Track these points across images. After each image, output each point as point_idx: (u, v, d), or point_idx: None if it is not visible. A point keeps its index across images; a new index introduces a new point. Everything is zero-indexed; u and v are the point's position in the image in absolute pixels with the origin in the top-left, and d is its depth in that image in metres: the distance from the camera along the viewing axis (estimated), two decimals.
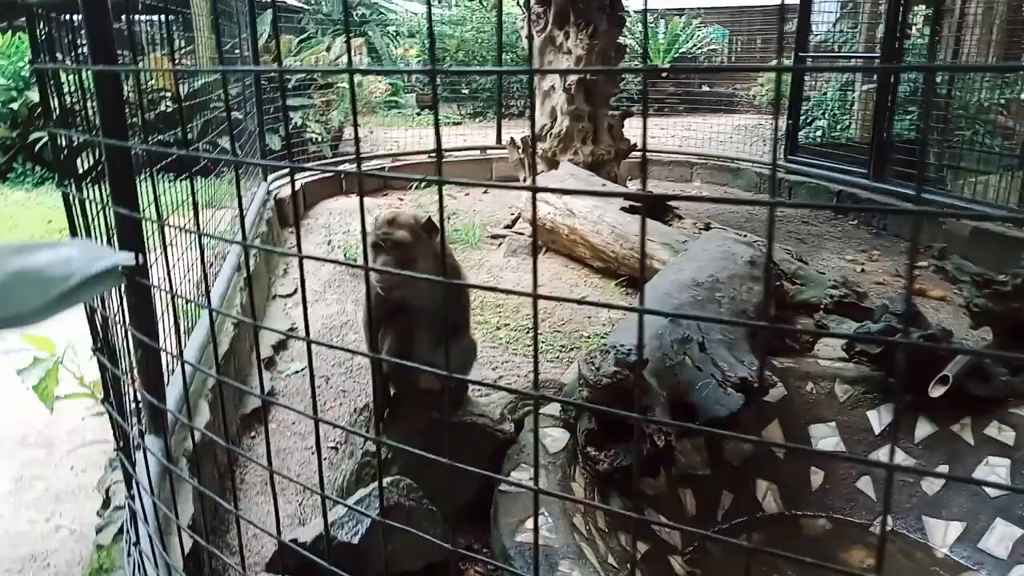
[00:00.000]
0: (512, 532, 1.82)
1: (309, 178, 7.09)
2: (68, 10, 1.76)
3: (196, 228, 1.02)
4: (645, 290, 2.85)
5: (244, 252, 3.76)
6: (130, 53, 2.40)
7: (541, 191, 0.82)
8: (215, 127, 6.37)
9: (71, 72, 1.56)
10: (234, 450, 2.24)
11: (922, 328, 2.58)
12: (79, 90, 1.62)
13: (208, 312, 1.01)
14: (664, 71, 11.88)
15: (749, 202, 0.92)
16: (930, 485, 2.46)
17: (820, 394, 2.71)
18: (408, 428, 2.30)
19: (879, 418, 2.62)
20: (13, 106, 8.85)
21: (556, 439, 2.28)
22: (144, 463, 1.63)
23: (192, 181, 1.08)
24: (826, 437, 2.65)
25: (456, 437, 2.27)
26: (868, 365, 2.62)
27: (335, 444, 3.17)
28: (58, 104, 1.48)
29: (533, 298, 0.80)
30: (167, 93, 7.49)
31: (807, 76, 7.86)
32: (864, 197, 6.27)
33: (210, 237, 1.03)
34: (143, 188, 1.95)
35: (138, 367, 2.09)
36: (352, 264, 1.89)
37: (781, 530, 2.50)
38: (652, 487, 2.35)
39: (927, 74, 5.63)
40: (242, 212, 0.98)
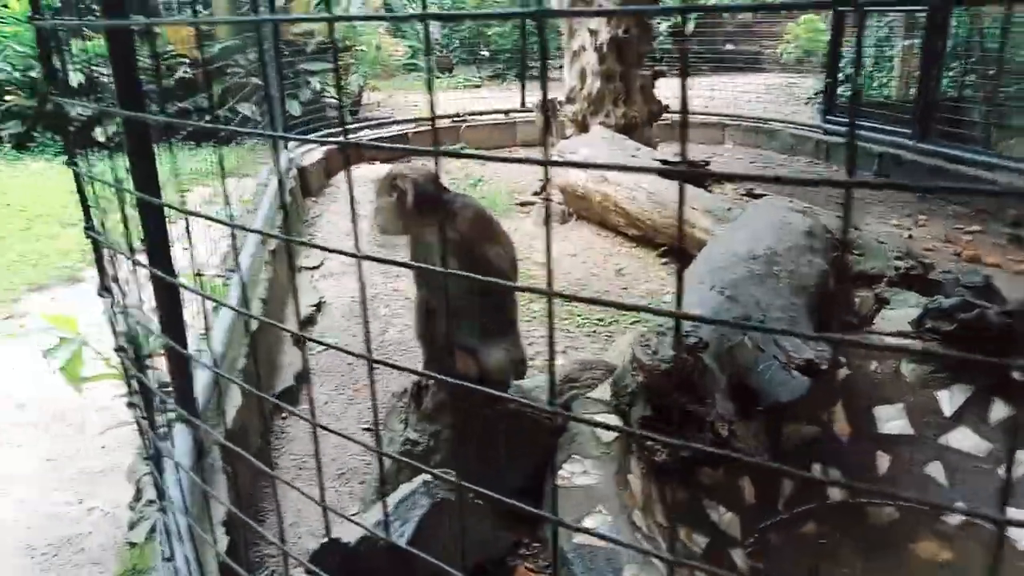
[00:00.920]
0: (570, 534, 1.69)
1: (330, 146, 6.92)
2: None
3: (228, 219, 0.88)
4: (697, 263, 2.69)
5: (288, 247, 3.63)
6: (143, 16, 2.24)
7: (554, 165, 0.68)
8: (233, 94, 6.22)
9: (76, 31, 1.40)
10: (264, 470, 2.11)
11: (999, 303, 2.39)
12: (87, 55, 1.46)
13: (241, 286, 0.87)
14: (697, 8, 11.38)
15: (824, 182, 0.74)
16: (1013, 471, 2.29)
17: (885, 373, 2.54)
18: (450, 416, 2.17)
19: (950, 399, 2.45)
20: (32, 73, 8.72)
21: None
22: (172, 461, 1.51)
23: (213, 151, 0.92)
24: (892, 420, 2.48)
25: (502, 427, 2.13)
26: (939, 342, 2.44)
27: (368, 425, 3.06)
28: (63, 70, 1.32)
29: (548, 296, 0.65)
30: (184, 59, 7.34)
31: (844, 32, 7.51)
32: (907, 160, 6.00)
33: (245, 230, 0.88)
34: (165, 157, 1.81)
35: (166, 354, 1.97)
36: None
37: (845, 519, 2.36)
38: (709, 476, 2.20)
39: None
40: (282, 182, 0.84)
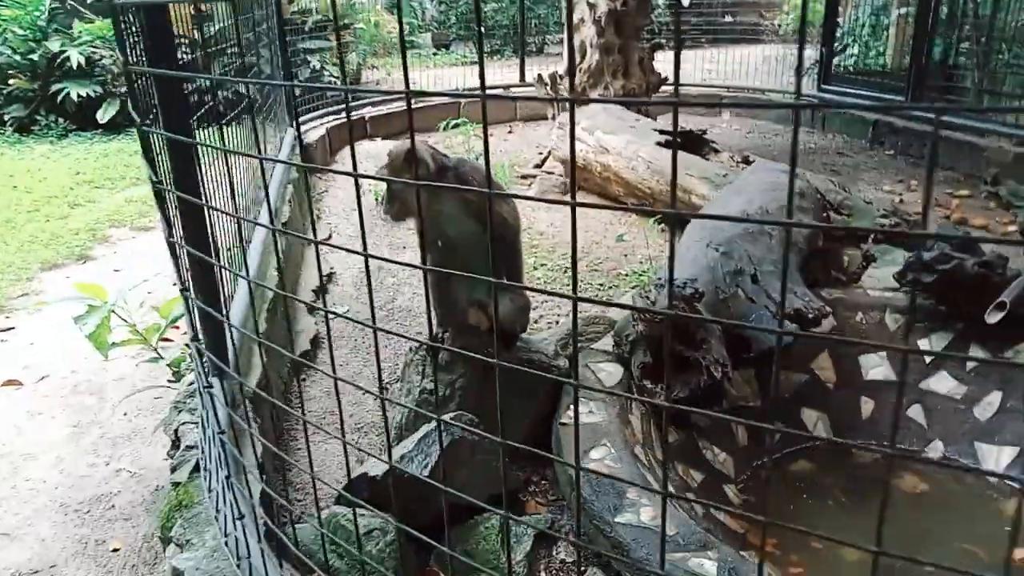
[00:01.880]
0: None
1: (332, 122, 7.04)
2: None
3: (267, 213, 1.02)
4: (693, 225, 2.83)
5: (314, 242, 3.76)
6: None
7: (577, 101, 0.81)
8: (232, 74, 6.30)
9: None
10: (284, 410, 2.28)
11: (977, 255, 2.54)
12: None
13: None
14: None
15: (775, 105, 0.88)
16: (983, 410, 2.46)
17: (870, 324, 2.70)
18: (463, 367, 2.33)
19: (930, 346, 2.61)
20: (33, 57, 8.77)
21: (611, 373, 2.30)
22: (212, 405, 1.67)
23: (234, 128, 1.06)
24: (876, 367, 2.65)
25: (511, 375, 2.29)
26: (920, 293, 2.60)
27: (387, 383, 3.22)
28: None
29: (573, 300, 0.79)
30: (182, 39, 7.42)
31: (841, 1, 7.59)
32: (901, 126, 6.12)
33: (282, 233, 1.02)
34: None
35: (199, 314, 2.12)
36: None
37: (831, 459, 2.53)
38: (704, 418, 2.37)
39: None
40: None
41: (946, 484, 2.37)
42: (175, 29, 1.98)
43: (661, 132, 4.49)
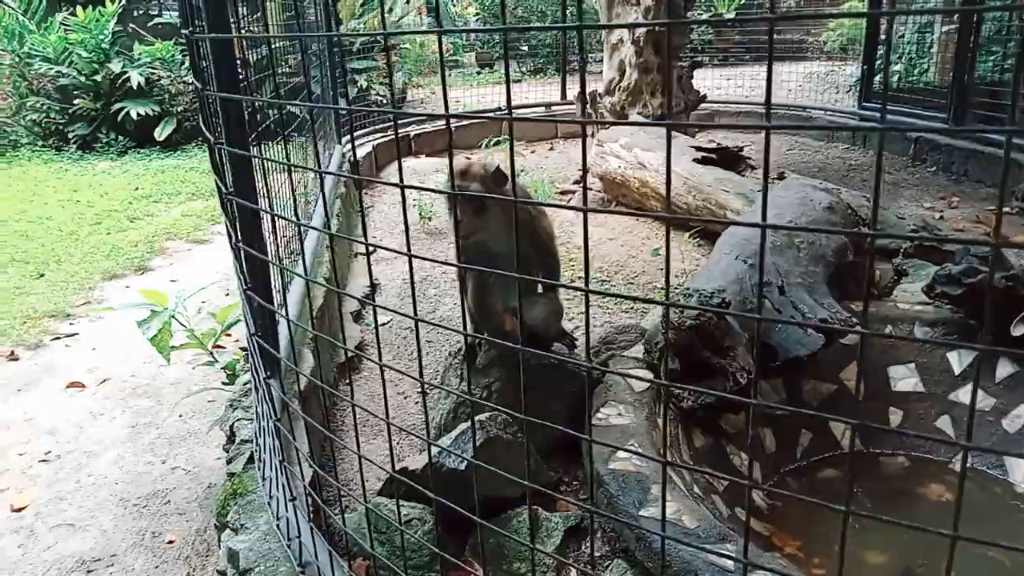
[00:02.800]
0: (605, 460, 1.96)
1: (379, 140, 7.27)
2: None
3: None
4: (724, 238, 2.92)
5: (366, 250, 3.93)
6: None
7: (594, 123, 0.91)
8: (284, 96, 6.57)
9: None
10: (334, 394, 2.42)
11: (1005, 269, 2.57)
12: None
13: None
14: (732, 21, 11.56)
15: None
16: (1011, 422, 2.49)
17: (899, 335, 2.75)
18: (498, 371, 2.45)
19: (959, 359, 2.65)
20: (96, 78, 9.22)
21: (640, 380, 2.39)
22: (268, 396, 1.82)
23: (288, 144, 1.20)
24: (905, 378, 2.69)
25: (545, 378, 2.41)
26: (949, 307, 2.64)
27: (427, 389, 3.36)
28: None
29: (585, 293, 0.89)
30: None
31: (883, 19, 7.58)
32: (943, 143, 6.09)
33: (340, 238, 1.16)
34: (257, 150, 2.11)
35: (254, 317, 2.28)
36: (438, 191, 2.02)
37: (859, 468, 2.58)
38: (732, 424, 2.45)
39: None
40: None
41: (972, 493, 2.40)
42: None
43: (698, 149, 4.58)
